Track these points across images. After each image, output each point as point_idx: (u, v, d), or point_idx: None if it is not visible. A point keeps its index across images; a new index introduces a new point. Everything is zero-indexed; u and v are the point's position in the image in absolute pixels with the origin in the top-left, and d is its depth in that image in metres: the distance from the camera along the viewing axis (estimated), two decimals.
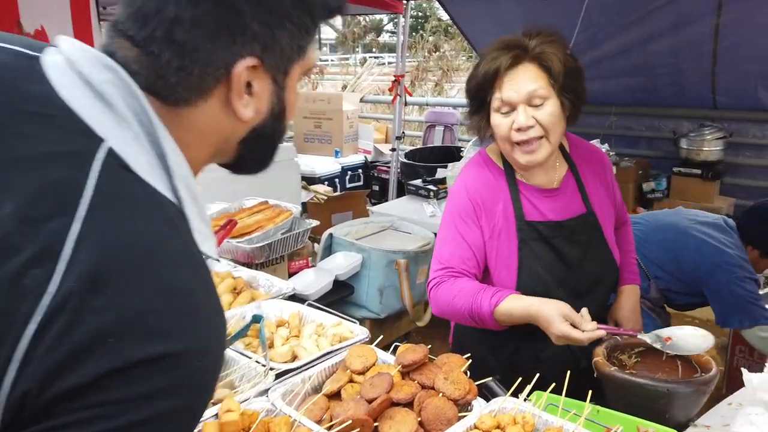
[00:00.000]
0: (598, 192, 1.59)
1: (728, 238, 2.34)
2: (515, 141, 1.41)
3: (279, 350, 1.39)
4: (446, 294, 1.45)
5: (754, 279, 2.30)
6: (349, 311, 2.52)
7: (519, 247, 1.48)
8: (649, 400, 1.27)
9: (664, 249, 2.38)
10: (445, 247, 1.50)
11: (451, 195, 1.57)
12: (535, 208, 1.52)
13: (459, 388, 1.16)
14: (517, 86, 1.37)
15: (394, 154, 5.21)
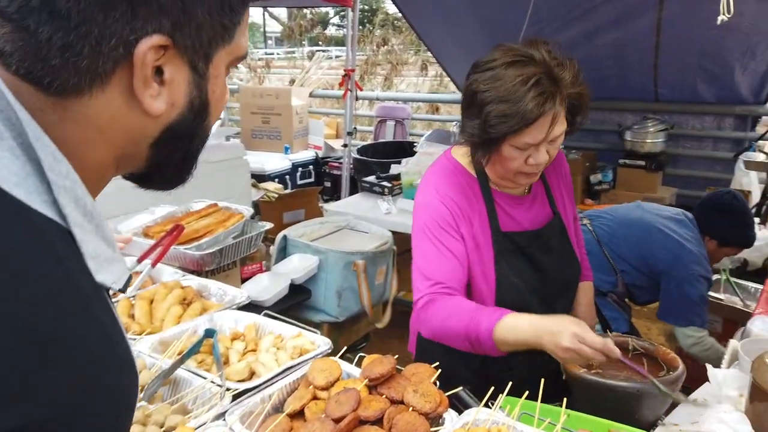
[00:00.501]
0: (561, 194, 1.58)
1: (689, 232, 2.39)
2: (524, 171, 1.35)
3: (235, 367, 1.30)
4: (440, 313, 1.33)
5: (707, 278, 2.36)
6: (306, 316, 2.44)
7: (496, 259, 1.43)
8: (619, 402, 1.26)
9: (630, 244, 2.41)
10: (430, 261, 1.38)
11: (424, 204, 1.44)
12: (510, 217, 1.47)
13: (430, 400, 1.11)
14: (544, 130, 1.27)
15: (346, 150, 5.11)
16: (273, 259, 2.46)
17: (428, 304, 1.34)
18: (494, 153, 1.33)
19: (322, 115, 8.37)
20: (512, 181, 1.41)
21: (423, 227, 1.41)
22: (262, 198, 5.43)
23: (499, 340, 1.26)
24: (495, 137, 1.28)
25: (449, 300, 1.33)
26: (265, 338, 1.42)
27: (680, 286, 2.31)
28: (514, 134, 1.27)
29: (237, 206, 2.24)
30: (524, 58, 1.27)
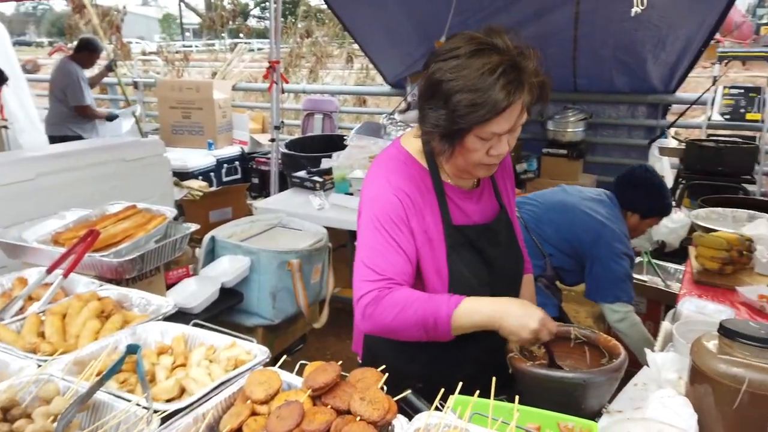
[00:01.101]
0: (505, 187, 1.57)
1: (610, 211, 2.47)
2: (485, 163, 1.33)
3: (163, 386, 1.18)
4: (391, 307, 1.27)
5: (629, 255, 2.43)
6: (239, 320, 2.32)
7: (448, 253, 1.39)
8: (566, 393, 1.25)
9: (555, 227, 2.46)
10: (377, 255, 1.32)
11: (375, 196, 1.38)
12: (461, 210, 1.44)
13: (378, 408, 1.05)
14: (512, 120, 1.25)
15: (273, 144, 4.95)
16: (201, 263, 2.32)
17: (377, 300, 1.28)
18: (458, 144, 1.29)
19: (247, 108, 8.11)
20: (471, 173, 1.38)
21: (373, 220, 1.35)
22: (186, 197, 5.19)
23: (457, 325, 1.27)
24: (463, 127, 1.24)
25: (399, 292, 1.29)
26: (196, 351, 1.31)
27: (604, 265, 2.37)
28: (482, 124, 1.23)
29: (159, 207, 2.08)
30: (488, 47, 1.25)
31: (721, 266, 2.26)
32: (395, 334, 1.32)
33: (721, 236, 2.34)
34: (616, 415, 1.27)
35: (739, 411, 1.09)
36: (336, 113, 6.98)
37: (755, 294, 2.01)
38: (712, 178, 3.97)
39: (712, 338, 1.20)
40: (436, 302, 1.27)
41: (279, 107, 5.03)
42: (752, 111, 4.82)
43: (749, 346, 1.10)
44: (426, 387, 1.40)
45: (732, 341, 1.13)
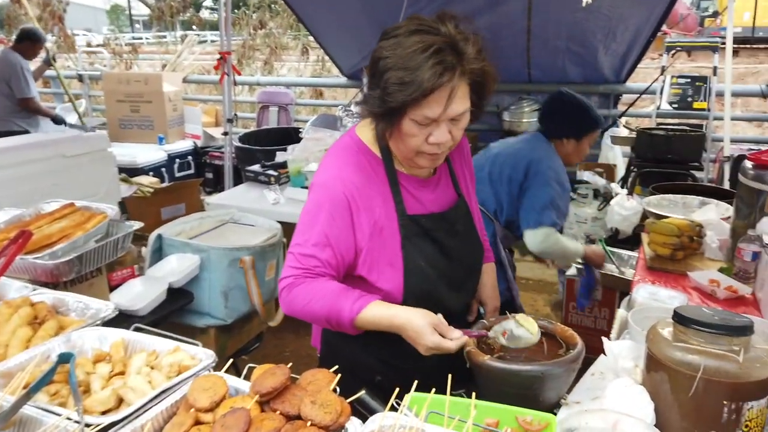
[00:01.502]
0: (464, 176, 1.53)
1: (536, 144, 2.48)
2: (426, 152, 1.28)
3: (98, 397, 1.10)
4: (302, 297, 1.29)
5: (561, 183, 2.42)
6: (190, 321, 2.23)
7: (402, 244, 1.36)
8: (524, 386, 1.23)
9: (488, 181, 2.46)
10: (306, 243, 1.31)
11: (322, 184, 1.35)
12: (416, 199, 1.40)
13: (330, 411, 0.99)
14: (447, 105, 1.21)
15: (227, 138, 4.82)
16: (147, 262, 2.21)
17: (290, 288, 1.30)
18: (395, 127, 1.26)
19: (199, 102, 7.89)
20: (414, 162, 1.34)
21: (312, 208, 1.33)
22: (135, 193, 5.00)
23: (361, 327, 1.28)
24: (394, 107, 1.20)
25: (313, 283, 1.29)
26: (136, 357, 1.23)
27: (531, 193, 2.37)
28: (413, 105, 1.19)
29: (98, 205, 1.97)
30: (429, 28, 1.22)
31: (673, 252, 2.30)
32: (310, 322, 1.36)
33: (672, 223, 2.38)
34: (574, 407, 1.25)
35: (694, 398, 1.08)
36: (292, 105, 6.85)
37: (706, 279, 2.04)
38: (662, 166, 4.07)
39: (666, 325, 1.19)
40: (342, 303, 1.27)
41: (231, 99, 4.89)
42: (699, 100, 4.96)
43: (703, 333, 1.09)
44: (385, 380, 1.39)
45: (686, 328, 1.12)
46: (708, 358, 1.07)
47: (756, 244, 2.00)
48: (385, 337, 1.37)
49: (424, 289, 1.37)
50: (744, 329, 1.09)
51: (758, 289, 1.96)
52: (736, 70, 8.19)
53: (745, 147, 4.72)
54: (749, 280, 2.03)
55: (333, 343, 1.53)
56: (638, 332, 1.38)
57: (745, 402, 1.06)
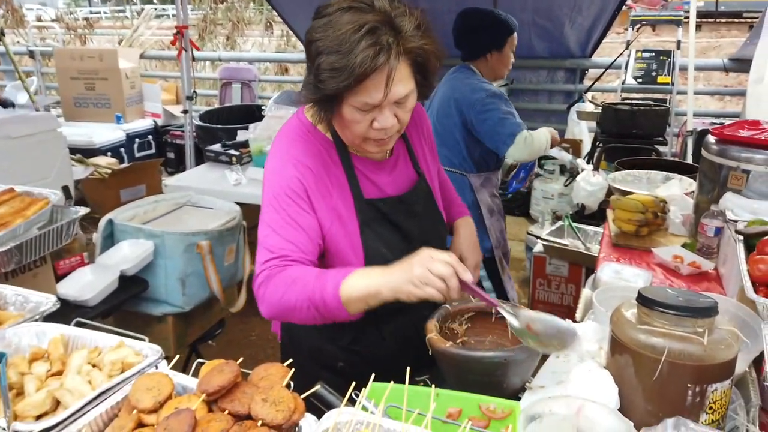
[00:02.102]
0: (423, 151, 1.46)
1: (459, 75, 2.49)
2: (372, 138, 1.20)
3: (31, 400, 1.02)
4: (278, 287, 1.17)
5: (494, 93, 2.43)
6: (146, 310, 2.14)
7: (361, 230, 1.29)
8: (487, 373, 1.19)
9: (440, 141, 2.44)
10: (273, 234, 1.22)
11: (273, 171, 1.28)
12: (373, 183, 1.33)
13: (282, 409, 0.94)
14: (386, 89, 1.11)
15: (186, 116, 4.65)
16: (98, 249, 2.11)
17: (265, 282, 1.18)
18: (336, 114, 1.18)
19: (159, 78, 7.61)
20: (363, 148, 1.26)
21: (270, 197, 1.25)
22: (92, 175, 4.81)
23: (347, 297, 1.13)
24: (329, 95, 1.11)
25: (290, 270, 1.18)
26: (75, 355, 1.14)
27: (483, 121, 2.39)
28: (349, 92, 1.10)
29: (41, 190, 1.85)
30: (363, 5, 1.12)
31: (637, 228, 2.29)
32: (290, 316, 1.20)
33: (636, 199, 2.37)
34: (539, 391, 1.22)
35: (659, 381, 1.06)
36: (255, 82, 6.67)
37: (670, 255, 2.04)
38: (627, 141, 4.08)
39: (631, 307, 1.17)
40: (325, 278, 1.15)
41: (191, 76, 4.71)
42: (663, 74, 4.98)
43: (668, 315, 1.07)
44: (348, 366, 1.37)
45: (650, 310, 1.09)
46: (672, 340, 1.05)
47: (719, 219, 2.01)
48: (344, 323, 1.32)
49: None
50: (708, 310, 1.06)
51: (721, 265, 1.97)
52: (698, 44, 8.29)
53: (707, 121, 4.78)
54: (712, 256, 2.04)
55: (294, 330, 1.47)
56: (602, 313, 1.36)
57: (709, 384, 1.04)
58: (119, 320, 2.19)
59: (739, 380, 1.23)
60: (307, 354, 1.43)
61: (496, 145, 2.42)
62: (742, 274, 1.43)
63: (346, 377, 1.14)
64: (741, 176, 2.02)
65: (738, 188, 2.02)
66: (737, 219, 1.76)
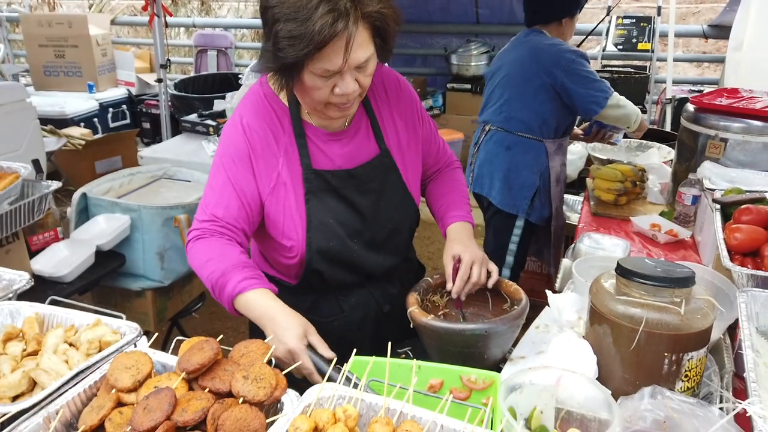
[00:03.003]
0: (395, 128, 1.41)
1: (536, 38, 2.48)
2: (334, 102, 1.19)
3: (7, 381, 1.00)
4: (202, 253, 1.23)
5: (581, 55, 2.45)
6: (125, 284, 2.11)
7: (306, 199, 1.29)
8: (468, 345, 1.20)
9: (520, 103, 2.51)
10: (212, 193, 1.27)
11: (225, 132, 1.31)
12: (324, 153, 1.31)
13: (263, 386, 0.93)
14: (346, 55, 1.10)
15: (161, 85, 4.53)
16: (72, 224, 2.06)
17: (195, 240, 1.24)
18: (297, 82, 1.17)
19: (131, 45, 7.38)
20: (325, 114, 1.24)
21: (218, 157, 1.30)
22: (65, 146, 4.69)
23: (238, 307, 1.19)
24: (288, 63, 1.10)
25: (211, 242, 1.23)
26: (51, 334, 1.12)
27: (574, 82, 2.39)
28: (309, 59, 1.09)
29: (10, 164, 1.79)
30: None
31: (617, 197, 2.31)
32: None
33: (615, 168, 2.38)
34: (519, 362, 1.24)
35: (636, 350, 1.08)
36: (231, 49, 6.51)
37: (647, 224, 2.07)
38: None
39: (610, 278, 1.18)
40: (227, 278, 1.18)
41: (164, 43, 4.57)
42: (643, 41, 4.96)
43: (646, 285, 1.08)
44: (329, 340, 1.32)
45: (629, 281, 1.10)
46: (650, 310, 1.06)
47: (696, 187, 2.03)
48: (307, 295, 1.39)
49: (333, 247, 1.31)
50: (686, 281, 1.07)
51: (697, 233, 1.99)
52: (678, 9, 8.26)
53: (686, 88, 4.79)
54: (689, 224, 2.06)
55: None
56: (582, 283, 1.37)
57: (685, 353, 1.06)
58: (97, 296, 2.16)
59: (714, 347, 1.25)
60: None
61: (588, 105, 2.42)
62: (718, 242, 1.45)
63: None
64: (719, 144, 2.04)
65: (716, 157, 2.04)
66: (714, 188, 1.77)
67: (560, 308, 1.31)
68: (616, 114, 2.44)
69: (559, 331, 1.27)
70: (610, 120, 2.49)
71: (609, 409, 1.02)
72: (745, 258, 1.41)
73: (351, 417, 0.88)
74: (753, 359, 1.05)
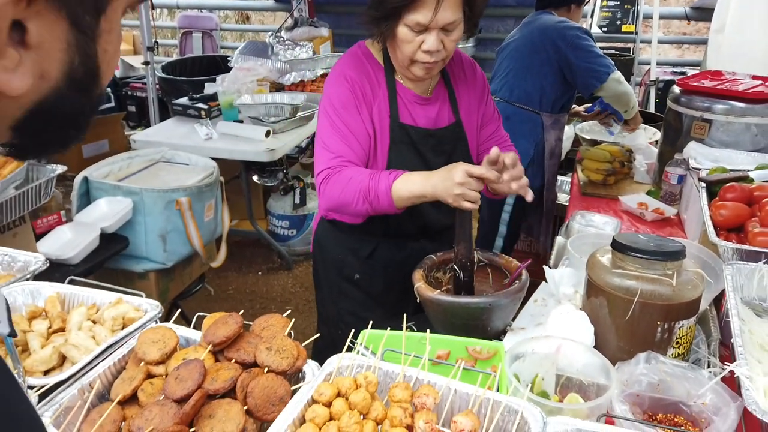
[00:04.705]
0: (468, 102, 1.58)
1: (547, 17, 2.60)
2: (420, 60, 1.37)
3: (38, 356, 1.05)
4: (339, 183, 1.39)
5: (586, 32, 2.55)
6: (128, 266, 2.14)
7: (390, 147, 1.47)
8: (472, 317, 1.27)
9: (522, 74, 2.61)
10: (331, 137, 1.44)
11: (329, 85, 1.49)
12: (409, 112, 1.49)
13: (286, 356, 0.99)
14: (438, 13, 1.29)
15: (148, 68, 4.50)
16: (74, 208, 2.08)
17: (328, 179, 1.40)
18: (391, 34, 1.36)
19: None
20: (411, 72, 1.42)
21: (327, 108, 1.46)
22: None
23: (396, 195, 1.34)
24: (388, 10, 1.31)
25: (348, 170, 1.39)
26: (75, 312, 1.17)
27: (577, 57, 2.48)
28: (405, 9, 1.29)
29: None
30: None
31: (605, 177, 2.39)
32: (344, 209, 1.43)
33: (604, 149, 2.46)
34: (519, 333, 1.31)
35: (631, 320, 1.15)
36: (216, 31, 6.45)
37: (635, 202, 2.15)
38: None
39: (605, 252, 1.25)
40: (378, 177, 1.36)
41: (150, 24, 4.53)
42: (627, 23, 5.02)
43: (640, 259, 1.15)
44: (363, 279, 1.63)
45: (624, 255, 1.18)
46: (644, 282, 1.13)
47: (682, 167, 2.11)
48: (370, 240, 1.59)
49: None
50: (677, 254, 1.15)
51: (683, 210, 2.08)
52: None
53: (668, 70, 4.88)
54: (675, 202, 2.15)
55: (323, 243, 1.67)
56: (577, 259, 1.44)
57: (676, 321, 1.14)
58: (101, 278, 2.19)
59: (701, 317, 1.34)
60: (331, 264, 1.66)
61: (588, 79, 2.50)
62: (704, 218, 1.53)
63: (361, 289, 1.61)
64: (703, 125, 2.11)
65: (701, 137, 2.12)
66: (700, 167, 1.85)
67: (557, 282, 1.38)
68: (616, 90, 2.53)
69: (557, 304, 1.34)
70: (610, 96, 2.58)
71: (606, 375, 1.09)
72: (730, 233, 1.50)
73: (371, 383, 0.94)
74: (739, 326, 1.13)
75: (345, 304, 1.63)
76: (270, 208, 3.74)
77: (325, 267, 1.66)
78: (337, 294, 1.64)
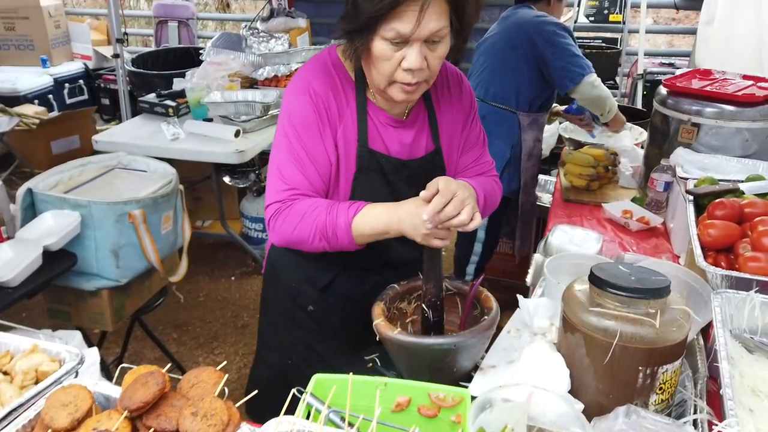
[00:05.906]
0: (451, 127, 1.39)
1: (525, 11, 2.47)
2: (399, 81, 1.18)
3: None
4: (291, 219, 1.23)
5: (564, 28, 2.43)
6: (78, 284, 1.99)
7: (355, 176, 1.29)
8: (436, 359, 1.15)
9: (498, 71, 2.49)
10: (286, 163, 1.26)
11: (292, 94, 1.29)
12: (380, 136, 1.31)
13: (214, 423, 0.86)
14: (420, 21, 1.09)
15: (118, 61, 4.30)
16: (18, 223, 1.92)
17: (278, 213, 1.25)
18: (366, 51, 1.18)
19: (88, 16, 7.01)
20: (388, 94, 1.22)
21: (286, 126, 1.28)
22: (18, 126, 4.47)
23: (357, 232, 1.21)
24: (363, 22, 1.12)
25: (300, 203, 1.24)
26: None
27: (553, 54, 2.36)
28: (383, 19, 1.10)
29: None
30: None
31: (588, 183, 2.27)
32: (300, 246, 1.28)
33: (587, 153, 2.34)
34: (490, 372, 1.19)
35: (610, 363, 1.04)
36: (193, 20, 6.23)
37: (619, 210, 2.03)
38: None
39: (582, 283, 1.13)
40: (336, 211, 1.21)
41: (119, 13, 4.32)
42: (615, 12, 4.89)
43: (620, 297, 1.03)
44: (317, 312, 1.48)
45: (602, 291, 1.06)
46: (624, 323, 1.01)
47: (668, 173, 1.99)
48: (330, 270, 1.43)
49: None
50: (661, 291, 1.03)
51: (669, 219, 1.97)
52: None
53: (657, 61, 4.76)
54: (661, 210, 2.04)
55: (277, 266, 1.52)
56: (554, 285, 1.32)
57: (660, 366, 1.02)
58: (49, 296, 2.05)
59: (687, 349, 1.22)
60: (284, 291, 1.50)
61: (562, 80, 2.38)
62: (692, 239, 1.41)
63: (316, 321, 1.46)
64: (691, 129, 2.00)
65: (688, 142, 2.01)
66: (687, 176, 1.74)
67: (531, 313, 1.26)
68: (590, 94, 2.40)
69: (531, 338, 1.23)
70: (584, 100, 2.45)
71: (581, 427, 0.98)
72: (719, 255, 1.38)
73: None
74: (729, 372, 1.01)
75: (299, 333, 1.49)
76: (243, 210, 3.59)
77: (278, 292, 1.51)
78: (290, 322, 1.49)
